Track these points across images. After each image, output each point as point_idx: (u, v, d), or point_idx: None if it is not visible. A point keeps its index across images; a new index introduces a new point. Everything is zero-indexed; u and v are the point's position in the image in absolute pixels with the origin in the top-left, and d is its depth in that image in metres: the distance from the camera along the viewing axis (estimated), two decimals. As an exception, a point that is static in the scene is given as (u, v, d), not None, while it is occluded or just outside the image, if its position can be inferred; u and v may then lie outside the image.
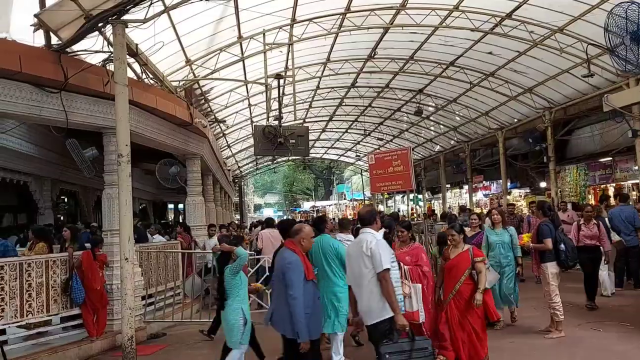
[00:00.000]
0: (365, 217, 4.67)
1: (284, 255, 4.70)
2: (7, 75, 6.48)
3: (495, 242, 7.61)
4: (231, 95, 16.66)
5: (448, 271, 5.80)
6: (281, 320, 4.54)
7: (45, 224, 13.97)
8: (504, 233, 7.65)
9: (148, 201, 27.61)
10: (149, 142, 9.73)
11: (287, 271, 4.48)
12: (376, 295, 4.27)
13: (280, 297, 4.58)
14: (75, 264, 7.39)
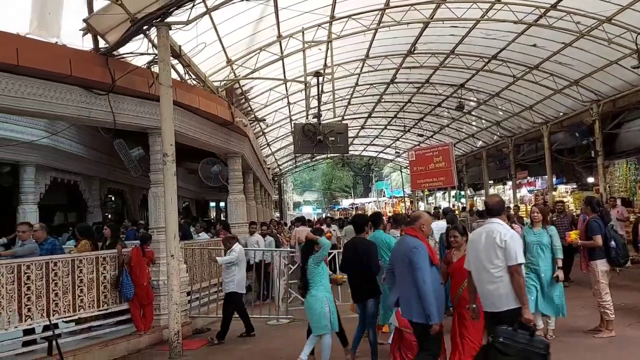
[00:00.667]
0: (494, 207, 4.69)
1: (406, 241, 4.83)
2: (58, 78, 6.73)
3: (532, 243, 6.76)
4: (271, 94, 16.81)
5: (451, 276, 5.32)
6: (406, 304, 4.68)
7: (94, 222, 14.50)
8: (543, 233, 6.78)
9: (191, 199, 28.17)
10: (192, 142, 9.93)
11: (414, 255, 4.57)
12: (505, 285, 4.33)
13: (404, 282, 4.69)
14: (125, 260, 7.62)
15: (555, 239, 6.75)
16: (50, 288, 6.78)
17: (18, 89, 6.37)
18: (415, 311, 4.55)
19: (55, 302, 6.81)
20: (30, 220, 9.58)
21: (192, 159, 14.28)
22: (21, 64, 6.11)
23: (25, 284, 6.48)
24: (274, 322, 9.07)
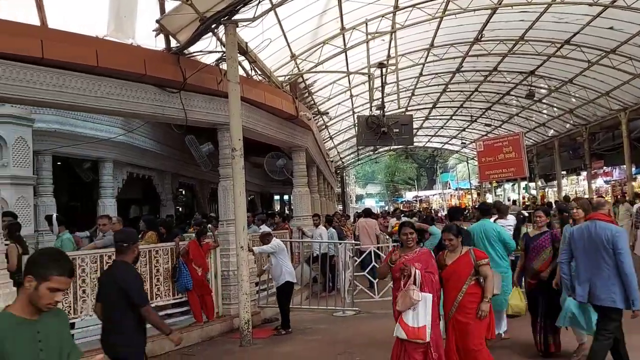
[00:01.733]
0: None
1: (600, 226, 4.83)
2: (134, 78, 7.06)
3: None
4: (333, 87, 16.84)
5: (446, 281, 4.85)
6: (606, 290, 4.68)
7: (167, 214, 15.17)
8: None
9: (256, 193, 28.82)
10: (258, 136, 10.13)
11: (618, 240, 4.67)
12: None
13: (599, 268, 4.73)
14: (182, 252, 7.88)
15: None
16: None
17: (98, 89, 6.73)
18: (619, 297, 4.59)
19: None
20: (109, 213, 10.16)
21: (258, 153, 14.59)
22: (100, 65, 6.46)
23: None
24: (340, 314, 9.13)
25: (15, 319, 2.38)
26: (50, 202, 10.45)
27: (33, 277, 2.37)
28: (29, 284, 2.37)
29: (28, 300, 2.39)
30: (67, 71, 6.37)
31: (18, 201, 8.57)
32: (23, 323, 2.38)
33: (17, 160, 8.62)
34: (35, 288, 2.35)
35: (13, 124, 8.50)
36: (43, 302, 2.37)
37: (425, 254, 4.89)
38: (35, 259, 2.48)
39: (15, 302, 2.48)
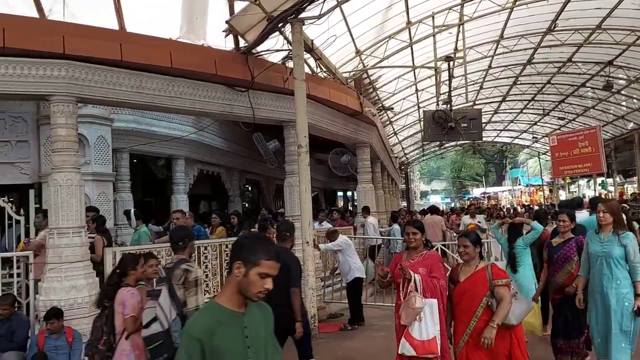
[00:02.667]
0: None
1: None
2: (204, 78, 7.32)
3: (597, 255, 4.71)
4: (398, 81, 16.66)
5: (458, 300, 4.19)
6: None
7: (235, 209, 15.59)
8: (613, 241, 4.62)
9: (320, 189, 29.03)
10: (323, 133, 10.21)
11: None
12: None
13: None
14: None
15: (632, 250, 4.58)
16: (201, 269, 7.43)
17: (172, 89, 7.04)
18: None
19: (205, 283, 7.46)
20: (182, 208, 10.59)
21: (321, 149, 14.70)
22: (174, 66, 6.75)
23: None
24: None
25: (224, 310, 2.21)
26: (127, 197, 11.03)
27: (242, 262, 2.18)
28: (238, 270, 2.18)
29: (236, 289, 2.20)
30: (144, 72, 6.70)
31: (99, 196, 9.11)
32: (231, 315, 2.21)
33: (98, 158, 9.16)
34: (245, 275, 2.17)
35: (94, 123, 9.04)
36: (253, 290, 2.18)
37: (432, 258, 4.32)
38: (242, 243, 2.30)
39: (221, 292, 2.30)
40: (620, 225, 4.69)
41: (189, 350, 2.11)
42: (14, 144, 8.66)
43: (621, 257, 4.57)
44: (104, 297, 4.32)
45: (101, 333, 4.15)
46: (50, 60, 5.97)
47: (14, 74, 5.89)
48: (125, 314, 4.09)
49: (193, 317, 2.24)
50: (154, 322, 3.73)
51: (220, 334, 2.14)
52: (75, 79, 6.13)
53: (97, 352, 4.13)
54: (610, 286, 4.56)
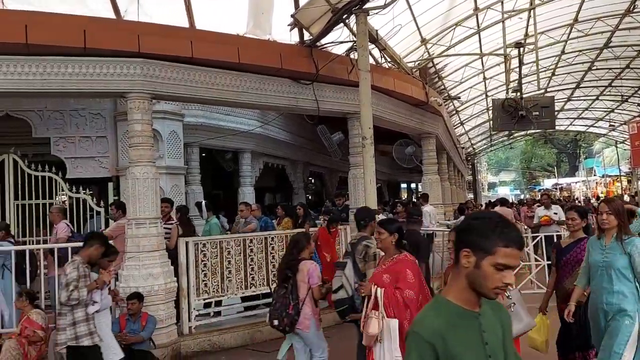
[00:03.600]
0: None
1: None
2: (270, 72, 7.43)
3: (597, 265, 4.00)
4: (465, 70, 16.23)
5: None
6: None
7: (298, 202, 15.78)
8: (616, 249, 3.90)
9: (383, 181, 28.80)
10: (387, 124, 10.11)
11: None
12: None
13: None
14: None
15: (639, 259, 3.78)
16: (269, 260, 7.60)
17: (239, 84, 7.20)
18: None
19: (273, 273, 7.61)
20: (248, 201, 10.85)
21: (385, 141, 14.57)
22: (242, 62, 6.89)
23: (249, 256, 7.37)
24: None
25: (455, 309, 1.80)
26: (198, 190, 11.43)
27: (471, 250, 1.76)
28: (467, 260, 1.77)
29: (467, 284, 1.78)
30: (213, 69, 6.90)
31: (172, 189, 9.51)
32: (465, 316, 1.79)
33: (170, 152, 9.54)
34: (476, 265, 1.75)
35: (167, 119, 9.42)
36: (488, 285, 1.73)
37: (401, 264, 3.86)
38: (471, 226, 1.82)
39: (448, 286, 1.90)
40: (625, 229, 3.96)
41: (423, 356, 1.74)
42: (94, 139, 9.19)
43: (625, 267, 3.81)
44: (288, 271, 4.75)
45: (288, 300, 4.62)
46: (127, 59, 6.26)
47: (94, 73, 6.23)
48: (312, 284, 4.65)
49: (420, 315, 1.87)
50: (341, 289, 4.42)
51: (455, 338, 1.74)
52: (149, 76, 6.41)
53: (287, 316, 4.60)
54: (612, 302, 3.82)
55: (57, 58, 6.01)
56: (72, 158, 9.03)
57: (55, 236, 7.20)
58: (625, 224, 3.97)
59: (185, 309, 6.77)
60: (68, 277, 4.41)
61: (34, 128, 8.86)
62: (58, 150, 8.98)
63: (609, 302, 3.83)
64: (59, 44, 5.86)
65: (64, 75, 6.11)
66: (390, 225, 4.01)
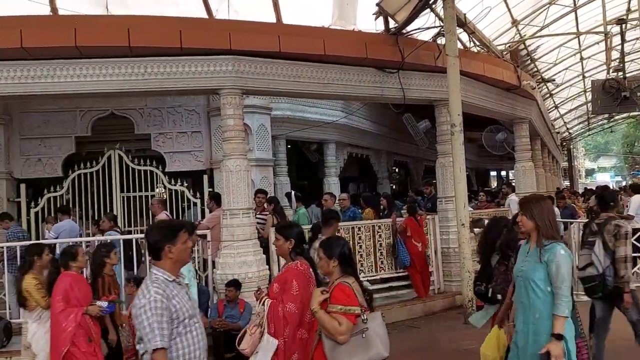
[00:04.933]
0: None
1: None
2: (355, 62, 7.44)
3: (516, 275, 3.43)
4: (560, 51, 15.31)
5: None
6: None
7: (383, 192, 15.72)
8: (535, 256, 3.25)
9: (470, 169, 27.89)
10: (476, 110, 9.79)
11: None
12: None
13: None
14: (399, 229, 8.04)
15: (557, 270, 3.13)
16: (356, 250, 7.66)
17: (325, 76, 7.28)
18: None
19: (360, 263, 7.68)
20: (333, 191, 10.97)
21: (472, 127, 14.06)
22: (327, 53, 6.96)
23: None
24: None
25: None
26: (285, 181, 11.72)
27: None
28: None
29: None
30: (300, 62, 7.02)
31: (262, 181, 9.82)
32: None
33: (259, 145, 9.85)
34: None
35: (256, 113, 9.72)
36: None
37: (289, 272, 3.58)
38: None
39: None
40: (546, 233, 3.22)
41: None
42: (190, 134, 9.70)
43: (541, 279, 3.18)
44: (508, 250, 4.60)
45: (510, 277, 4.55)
46: (219, 56, 6.53)
47: (189, 72, 6.56)
48: None
49: None
50: (589, 266, 4.71)
51: None
52: (240, 72, 6.65)
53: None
54: (528, 321, 3.23)
55: (157, 59, 6.40)
56: (170, 152, 9.60)
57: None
58: (546, 226, 3.22)
59: (277, 296, 7.00)
60: None
61: (136, 125, 9.51)
62: (158, 146, 9.58)
63: (525, 321, 3.24)
64: (158, 45, 6.23)
65: (163, 74, 6.50)
66: (288, 231, 3.70)
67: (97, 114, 9.35)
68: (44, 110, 9.21)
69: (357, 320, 3.03)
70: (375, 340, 3.05)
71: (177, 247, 2.67)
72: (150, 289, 2.56)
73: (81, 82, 6.39)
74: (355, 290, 3.11)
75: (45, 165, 9.30)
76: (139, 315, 2.50)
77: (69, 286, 4.44)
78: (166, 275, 2.65)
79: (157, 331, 2.46)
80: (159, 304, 2.49)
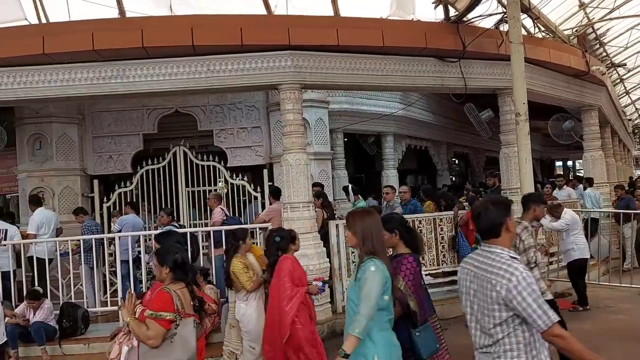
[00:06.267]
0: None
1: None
2: (414, 53, 7.32)
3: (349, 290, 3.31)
4: (631, 33, 14.44)
5: None
6: None
7: (443, 184, 15.45)
8: (354, 274, 3.20)
9: (535, 159, 26.89)
10: (541, 98, 9.41)
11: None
12: None
13: None
14: (460, 222, 7.85)
15: (361, 287, 2.98)
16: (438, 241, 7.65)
17: (383, 67, 7.21)
18: None
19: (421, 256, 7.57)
20: (392, 184, 10.88)
21: (537, 116, 13.53)
22: (386, 45, 6.89)
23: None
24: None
25: None
26: (343, 174, 11.74)
27: None
28: None
29: None
30: (357, 54, 7.00)
31: (320, 174, 9.87)
32: None
33: (317, 139, 9.91)
34: None
35: (313, 107, 9.77)
36: None
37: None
38: None
39: None
40: (366, 249, 3.05)
41: None
42: (250, 129, 9.88)
43: (356, 298, 3.02)
44: None
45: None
46: (278, 52, 6.61)
47: (250, 68, 6.69)
48: None
49: None
50: None
51: None
52: (299, 67, 6.71)
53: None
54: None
55: (219, 56, 6.56)
56: (231, 148, 9.82)
57: (211, 220, 7.93)
58: (366, 241, 3.05)
59: (338, 288, 7.05)
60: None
61: (199, 122, 9.79)
62: (220, 142, 9.82)
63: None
64: (220, 43, 6.39)
65: (225, 72, 6.66)
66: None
67: (163, 111, 9.69)
68: (113, 109, 9.65)
69: (171, 326, 3.12)
70: (177, 345, 3.15)
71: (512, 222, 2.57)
72: (517, 266, 2.42)
73: (148, 82, 6.65)
74: (177, 297, 3.19)
75: (116, 161, 9.75)
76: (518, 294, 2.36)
77: (292, 267, 4.68)
78: (511, 253, 2.50)
79: (545, 305, 2.35)
80: (532, 279, 2.38)
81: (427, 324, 3.36)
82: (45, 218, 7.79)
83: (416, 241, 3.56)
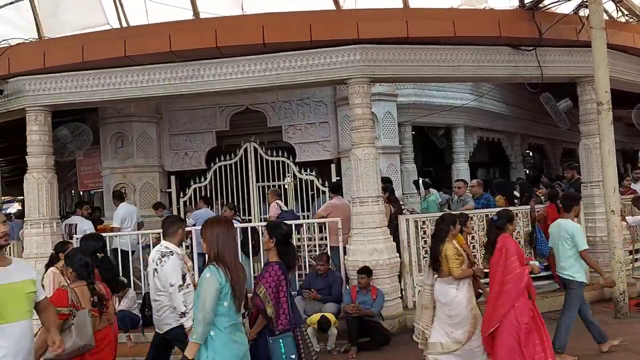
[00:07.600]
0: None
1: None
2: (487, 42, 7.10)
3: None
4: None
5: None
6: None
7: (517, 177, 14.88)
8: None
9: (617, 150, 25.31)
10: (625, 86, 8.86)
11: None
12: None
13: None
14: (537, 216, 7.51)
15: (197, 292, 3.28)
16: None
17: (455, 58, 7.05)
18: None
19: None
20: (463, 177, 10.62)
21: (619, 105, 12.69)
22: (457, 35, 6.73)
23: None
24: None
25: None
26: (411, 168, 11.59)
27: None
28: None
29: None
30: (427, 46, 6.89)
31: (388, 168, 9.80)
32: None
33: (386, 133, 9.85)
34: None
35: (382, 100, 9.71)
36: None
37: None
38: None
39: None
40: (211, 256, 3.25)
41: None
42: (317, 125, 9.98)
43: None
44: None
45: None
46: (347, 46, 6.62)
47: (319, 64, 6.75)
48: None
49: None
50: None
51: None
52: (368, 61, 6.69)
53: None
54: None
55: (288, 54, 6.67)
56: (300, 143, 9.97)
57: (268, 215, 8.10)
58: (210, 249, 3.24)
59: (409, 283, 6.99)
60: None
61: (268, 118, 10.01)
62: (288, 137, 10.00)
63: None
64: (290, 40, 6.48)
65: (294, 68, 6.76)
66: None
67: (234, 109, 9.99)
68: (188, 107, 10.05)
69: (68, 317, 3.65)
70: (74, 332, 3.63)
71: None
72: None
73: (221, 81, 6.88)
74: (74, 294, 3.75)
75: (191, 158, 10.16)
76: None
77: (517, 246, 4.81)
78: None
79: None
80: None
81: (287, 333, 3.58)
82: (128, 212, 8.26)
83: (289, 257, 3.79)
